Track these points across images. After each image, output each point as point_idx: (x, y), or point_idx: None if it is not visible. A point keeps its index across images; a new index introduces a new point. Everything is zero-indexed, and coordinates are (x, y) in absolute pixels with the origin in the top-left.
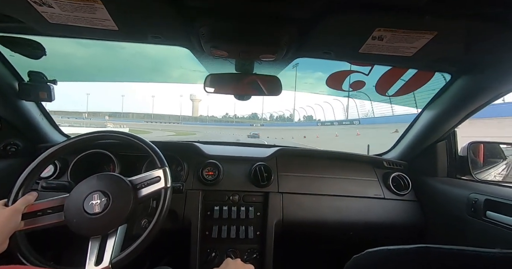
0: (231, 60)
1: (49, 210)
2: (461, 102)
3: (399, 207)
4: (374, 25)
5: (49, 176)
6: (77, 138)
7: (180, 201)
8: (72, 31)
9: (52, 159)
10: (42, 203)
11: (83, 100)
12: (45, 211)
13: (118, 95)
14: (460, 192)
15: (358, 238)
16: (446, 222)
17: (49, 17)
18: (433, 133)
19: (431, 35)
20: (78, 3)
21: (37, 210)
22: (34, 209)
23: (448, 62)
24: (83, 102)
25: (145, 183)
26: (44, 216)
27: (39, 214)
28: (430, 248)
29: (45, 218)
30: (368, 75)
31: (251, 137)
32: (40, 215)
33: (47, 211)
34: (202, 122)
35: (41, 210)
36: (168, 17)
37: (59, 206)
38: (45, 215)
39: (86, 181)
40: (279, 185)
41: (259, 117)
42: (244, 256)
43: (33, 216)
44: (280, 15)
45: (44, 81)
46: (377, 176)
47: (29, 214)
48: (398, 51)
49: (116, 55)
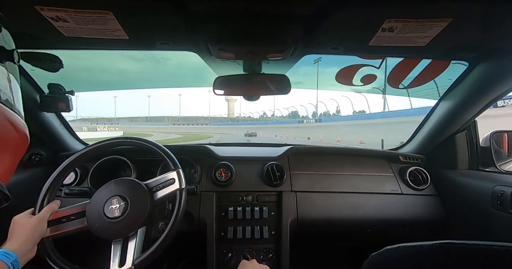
0: (239, 61)
1: (72, 216)
2: (481, 90)
3: (418, 202)
4: (384, 16)
5: (71, 183)
6: (94, 146)
7: (195, 203)
8: (86, 43)
9: (73, 166)
10: (65, 210)
11: (111, 104)
12: (69, 218)
13: (143, 98)
14: (484, 185)
15: (376, 235)
16: (469, 217)
17: (65, 31)
18: (452, 124)
19: (446, 22)
20: (90, 16)
21: (61, 217)
22: (59, 216)
23: (464, 50)
24: (109, 106)
25: (160, 186)
26: (68, 222)
27: (63, 220)
28: (454, 244)
29: (69, 224)
30: (379, 68)
31: (248, 136)
32: (64, 222)
33: (70, 217)
34: (237, 122)
35: (65, 217)
36: (175, 23)
37: (81, 212)
38: (69, 221)
39: (104, 187)
40: (292, 184)
41: (300, 115)
42: (260, 256)
43: (58, 223)
44: (285, 13)
45: (62, 92)
46: (393, 171)
47: (54, 221)
48: (410, 42)
49: (163, 67)
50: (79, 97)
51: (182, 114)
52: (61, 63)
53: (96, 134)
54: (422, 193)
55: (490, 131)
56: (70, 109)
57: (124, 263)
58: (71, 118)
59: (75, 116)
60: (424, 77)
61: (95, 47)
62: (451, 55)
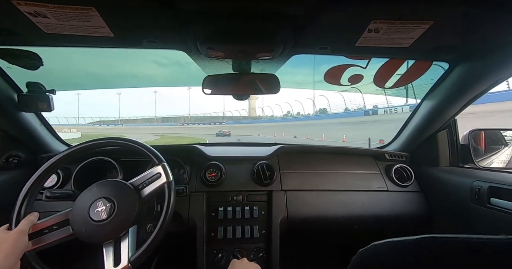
0: (228, 60)
1: (55, 226)
2: (460, 90)
3: (403, 198)
4: (370, 18)
5: (53, 185)
6: (77, 147)
7: (184, 204)
8: (68, 40)
9: (54, 169)
10: (46, 221)
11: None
12: (51, 228)
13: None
14: (463, 181)
15: (364, 231)
16: (450, 211)
17: (45, 27)
18: (434, 123)
19: (428, 24)
20: (72, 12)
21: (42, 229)
22: (40, 228)
23: (445, 51)
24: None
25: (146, 182)
26: (51, 233)
27: (45, 231)
28: (435, 237)
29: (52, 234)
30: (365, 68)
31: (220, 136)
32: (47, 233)
33: (53, 227)
34: (259, 120)
35: (47, 228)
36: (163, 21)
37: (64, 221)
38: (52, 231)
39: (86, 191)
40: (282, 183)
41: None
42: (251, 255)
43: (40, 235)
44: (274, 13)
45: (42, 91)
46: (380, 169)
47: (35, 233)
48: (395, 43)
49: (187, 71)
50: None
51: (196, 113)
52: (41, 61)
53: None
54: (406, 190)
55: (469, 129)
56: (52, 108)
57: (119, 262)
58: (89, 120)
59: (92, 118)
60: (408, 77)
61: (78, 44)
62: (433, 56)
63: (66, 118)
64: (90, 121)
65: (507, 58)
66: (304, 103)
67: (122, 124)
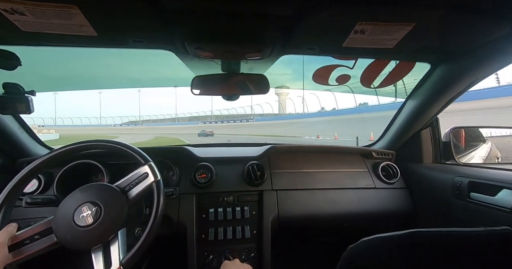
0: (217, 61)
1: (36, 235)
2: (441, 89)
3: (389, 195)
4: (356, 19)
5: (34, 191)
6: (59, 151)
7: (174, 206)
8: (48, 39)
9: (34, 174)
10: (26, 232)
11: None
12: (32, 238)
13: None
14: (446, 176)
15: (353, 228)
16: (434, 206)
17: (22, 25)
18: (418, 121)
19: (410, 26)
20: (52, 10)
21: (23, 239)
22: (20, 239)
23: (427, 52)
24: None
25: (133, 183)
26: (33, 243)
27: (26, 242)
28: (420, 232)
29: (35, 244)
30: (352, 68)
31: (202, 136)
32: (28, 244)
33: (34, 237)
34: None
35: (28, 238)
36: (149, 20)
37: (46, 229)
38: (34, 241)
39: (70, 196)
40: (273, 183)
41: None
42: (242, 256)
43: (20, 246)
44: (262, 13)
45: (21, 93)
46: (367, 166)
47: (15, 245)
48: (380, 44)
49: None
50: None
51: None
52: (19, 60)
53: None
54: (393, 187)
55: (450, 127)
56: (31, 110)
57: (110, 265)
58: (118, 121)
59: (121, 118)
60: (393, 77)
61: (59, 43)
62: (416, 57)
63: (62, 119)
64: (119, 122)
65: (483, 59)
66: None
67: (142, 124)
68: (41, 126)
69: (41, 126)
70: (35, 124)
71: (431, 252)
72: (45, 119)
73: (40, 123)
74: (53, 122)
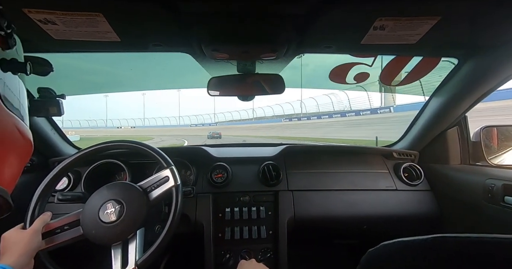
0: (233, 61)
1: (66, 226)
2: (470, 86)
3: (412, 198)
4: (375, 15)
5: (64, 188)
6: (87, 150)
7: (191, 205)
8: (76, 46)
9: (65, 172)
10: (58, 221)
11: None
12: (62, 228)
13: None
14: (475, 179)
15: (373, 231)
16: (462, 210)
17: (54, 34)
18: (443, 120)
19: (435, 20)
20: (80, 18)
21: (54, 228)
22: (52, 228)
23: (454, 47)
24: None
25: (154, 186)
26: (63, 233)
27: (57, 231)
28: (447, 237)
29: (64, 234)
30: (371, 66)
31: (210, 138)
32: (58, 233)
33: (64, 227)
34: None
35: (59, 227)
36: (167, 24)
37: (75, 221)
38: (64, 231)
39: (97, 193)
40: (289, 183)
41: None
42: (259, 256)
43: (52, 235)
44: (277, 13)
45: (53, 96)
46: (388, 167)
47: (48, 233)
48: (401, 39)
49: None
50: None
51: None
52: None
53: None
54: (416, 189)
55: (480, 126)
56: (62, 113)
57: (126, 265)
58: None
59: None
60: (415, 75)
61: (86, 49)
62: (441, 52)
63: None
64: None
65: None
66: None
67: (216, 123)
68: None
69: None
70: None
71: (458, 259)
72: (72, 122)
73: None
74: (87, 124)
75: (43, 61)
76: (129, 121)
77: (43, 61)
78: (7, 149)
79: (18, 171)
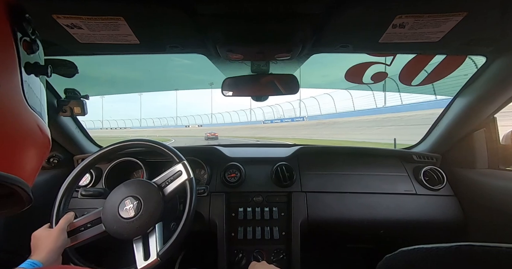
0: (247, 62)
1: (89, 224)
2: (500, 85)
3: (433, 203)
4: (394, 13)
5: (87, 184)
6: (107, 149)
7: (205, 204)
8: (99, 48)
9: (88, 169)
10: (81, 220)
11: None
12: (86, 226)
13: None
14: (505, 184)
15: (389, 236)
16: (489, 218)
17: (80, 37)
18: (469, 122)
19: (460, 16)
20: (103, 22)
21: (78, 227)
22: (76, 226)
23: (481, 44)
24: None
25: (168, 181)
26: (87, 231)
27: (81, 229)
28: (473, 246)
29: (87, 232)
30: (390, 65)
31: (207, 139)
32: (82, 231)
33: (87, 225)
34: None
35: (82, 226)
36: (184, 27)
37: (97, 219)
38: (87, 229)
39: (115, 191)
40: (302, 184)
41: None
42: (271, 257)
43: (76, 233)
44: (292, 13)
45: (78, 97)
46: (407, 171)
47: (73, 231)
48: (422, 37)
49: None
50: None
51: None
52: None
53: None
54: (438, 193)
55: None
56: (85, 113)
57: (149, 256)
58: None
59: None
60: (438, 74)
61: (108, 52)
62: (467, 50)
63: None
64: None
65: None
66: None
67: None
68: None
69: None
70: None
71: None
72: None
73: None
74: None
75: (70, 64)
76: (196, 119)
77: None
78: (29, 144)
79: (38, 165)
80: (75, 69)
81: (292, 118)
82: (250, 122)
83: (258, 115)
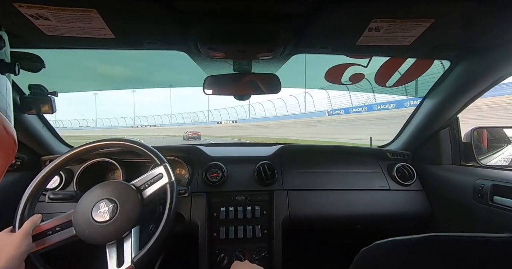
0: (229, 61)
1: (58, 227)
2: (462, 88)
3: (405, 197)
4: (371, 17)
5: (55, 187)
6: (79, 149)
7: (186, 204)
8: (69, 42)
9: (57, 171)
10: (49, 223)
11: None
12: (54, 230)
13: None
14: (466, 179)
15: (366, 231)
16: (453, 210)
17: (46, 29)
18: (436, 121)
19: (429, 22)
20: (74, 14)
21: (46, 230)
22: (43, 229)
23: (446, 49)
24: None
25: (148, 183)
26: (55, 235)
27: (49, 233)
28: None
29: (56, 236)
30: (366, 67)
31: (187, 139)
32: (50, 234)
33: (56, 229)
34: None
35: (50, 229)
36: (163, 22)
37: (67, 222)
38: (55, 233)
39: (89, 192)
40: (284, 183)
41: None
42: (253, 256)
43: (43, 236)
44: (274, 13)
45: (45, 94)
46: (382, 168)
47: (39, 235)
48: (396, 41)
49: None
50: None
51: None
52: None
53: None
54: (408, 189)
55: (471, 127)
56: (54, 110)
57: (122, 263)
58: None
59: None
60: (409, 76)
61: (79, 46)
62: (434, 54)
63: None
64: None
65: (508, 54)
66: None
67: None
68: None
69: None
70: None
71: (451, 258)
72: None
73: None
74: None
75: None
76: (230, 115)
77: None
78: None
79: (2, 168)
80: (41, 64)
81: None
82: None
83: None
